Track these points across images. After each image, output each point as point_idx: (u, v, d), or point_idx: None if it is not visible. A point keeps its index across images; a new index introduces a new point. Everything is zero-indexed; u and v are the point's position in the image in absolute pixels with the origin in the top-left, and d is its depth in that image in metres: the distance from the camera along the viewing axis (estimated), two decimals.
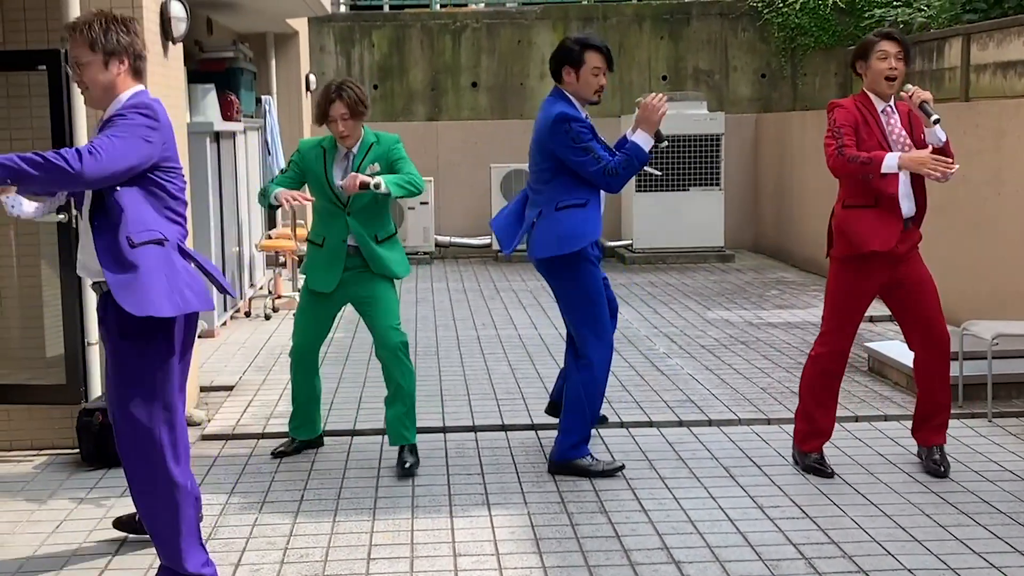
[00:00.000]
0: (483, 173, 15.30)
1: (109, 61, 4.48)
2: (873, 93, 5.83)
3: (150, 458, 4.47)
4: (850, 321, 5.90)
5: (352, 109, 6.04)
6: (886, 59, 5.75)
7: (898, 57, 5.75)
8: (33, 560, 4.97)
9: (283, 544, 5.09)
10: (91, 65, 4.46)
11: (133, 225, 4.36)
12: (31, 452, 6.49)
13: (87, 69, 4.47)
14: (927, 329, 5.89)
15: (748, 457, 6.26)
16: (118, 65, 4.49)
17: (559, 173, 5.92)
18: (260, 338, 9.75)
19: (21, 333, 6.73)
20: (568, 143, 5.82)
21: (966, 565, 4.73)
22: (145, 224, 4.40)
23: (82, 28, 4.47)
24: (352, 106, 6.04)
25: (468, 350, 9.12)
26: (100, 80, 4.49)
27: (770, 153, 15.16)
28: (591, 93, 5.98)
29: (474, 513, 5.46)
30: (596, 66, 5.96)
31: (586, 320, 6.01)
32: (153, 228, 4.42)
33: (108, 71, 4.47)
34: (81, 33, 4.46)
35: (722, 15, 16.32)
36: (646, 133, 5.89)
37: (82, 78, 4.49)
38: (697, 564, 4.79)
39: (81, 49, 4.46)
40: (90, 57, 4.45)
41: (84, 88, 4.52)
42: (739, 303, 11.27)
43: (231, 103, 10.83)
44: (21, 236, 6.57)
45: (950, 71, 11.37)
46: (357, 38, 16.30)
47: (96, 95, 4.51)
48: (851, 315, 5.89)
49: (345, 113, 6.04)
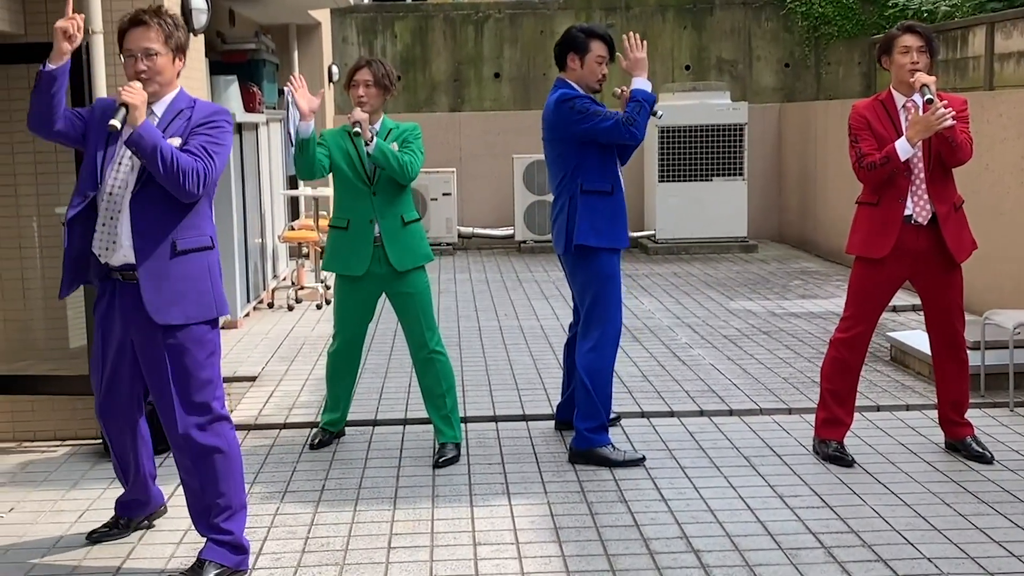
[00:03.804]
0: (506, 164, 15.30)
1: (176, 57, 4.55)
2: (897, 89, 5.81)
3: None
4: (868, 310, 5.90)
5: (376, 79, 6.10)
6: (907, 53, 5.74)
7: (920, 51, 5.73)
8: (57, 548, 5.01)
9: (304, 533, 5.12)
10: (163, 57, 4.50)
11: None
12: (55, 442, 6.54)
13: (157, 60, 4.49)
14: (942, 329, 5.91)
15: (769, 447, 6.26)
16: (180, 63, 4.57)
17: (578, 158, 6.00)
18: (283, 329, 9.79)
19: (45, 324, 6.77)
20: (575, 117, 5.92)
21: (986, 554, 4.72)
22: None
23: (162, 19, 4.50)
24: (377, 77, 6.10)
25: (490, 341, 9.13)
26: (167, 74, 4.55)
27: (794, 143, 15.10)
28: (594, 81, 6.08)
29: (494, 502, 5.47)
30: (600, 55, 6.07)
31: (598, 300, 6.05)
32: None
33: (174, 67, 4.57)
34: (160, 25, 4.49)
35: (745, 4, 16.27)
36: (642, 77, 5.96)
37: (150, 67, 4.48)
38: (716, 553, 4.79)
39: (157, 40, 4.49)
40: (163, 49, 4.50)
41: (146, 78, 4.48)
42: (762, 293, 11.24)
43: (253, 95, 10.85)
44: (44, 228, 6.61)
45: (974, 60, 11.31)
46: (380, 29, 16.32)
47: (155, 88, 4.53)
48: (869, 305, 5.89)
49: (368, 80, 6.09)
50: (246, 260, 10.15)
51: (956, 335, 5.92)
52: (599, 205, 6.00)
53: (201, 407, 4.61)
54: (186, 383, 4.58)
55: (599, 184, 6.01)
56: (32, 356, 6.76)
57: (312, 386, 7.68)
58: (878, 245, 5.78)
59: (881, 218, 5.78)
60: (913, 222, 5.75)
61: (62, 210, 6.31)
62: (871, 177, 5.74)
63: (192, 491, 4.68)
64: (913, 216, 5.75)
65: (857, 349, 5.93)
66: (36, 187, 6.52)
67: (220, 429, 4.65)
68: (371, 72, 6.10)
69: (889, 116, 5.79)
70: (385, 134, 6.13)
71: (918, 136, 5.61)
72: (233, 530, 4.67)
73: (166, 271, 4.52)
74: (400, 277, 6.15)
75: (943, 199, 5.77)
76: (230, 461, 4.67)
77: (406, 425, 6.80)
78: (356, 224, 6.14)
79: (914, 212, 5.75)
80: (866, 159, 5.73)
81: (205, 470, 4.63)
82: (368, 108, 6.10)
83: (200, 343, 4.62)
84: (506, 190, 15.29)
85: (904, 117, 5.77)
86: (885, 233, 5.76)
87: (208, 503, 4.65)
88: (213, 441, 4.61)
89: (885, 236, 5.76)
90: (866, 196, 5.88)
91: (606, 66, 6.11)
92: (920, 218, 5.74)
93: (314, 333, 9.57)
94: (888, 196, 5.76)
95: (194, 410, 4.59)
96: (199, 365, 4.61)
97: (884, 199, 5.77)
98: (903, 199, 5.74)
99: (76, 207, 4.53)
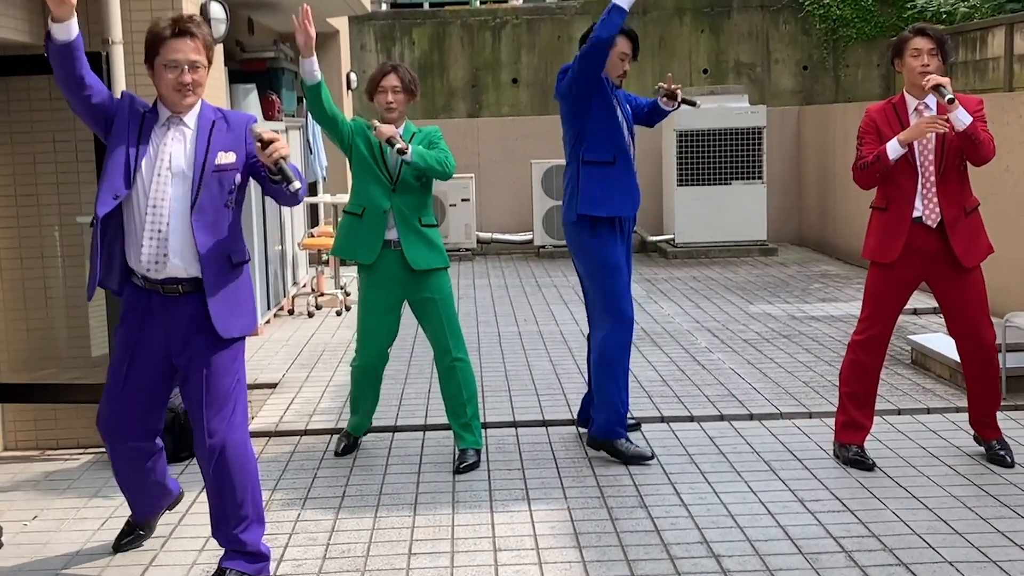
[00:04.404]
0: (524, 169, 15.32)
1: (209, 69, 4.55)
2: (909, 92, 5.82)
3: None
4: (883, 313, 5.89)
5: (404, 84, 6.10)
6: (919, 56, 5.74)
7: (931, 53, 5.73)
8: (80, 556, 5.04)
9: (325, 540, 5.13)
10: (204, 69, 4.50)
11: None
12: (77, 450, 6.58)
13: (201, 72, 4.47)
14: (962, 331, 5.89)
15: (789, 451, 6.25)
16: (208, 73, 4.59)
17: (578, 127, 6.08)
18: (303, 336, 9.81)
19: (67, 333, 6.81)
20: (563, 77, 6.04)
21: (1008, 558, 4.71)
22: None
23: (204, 31, 4.47)
24: (405, 82, 6.10)
25: (509, 346, 9.14)
26: (204, 86, 4.54)
27: (813, 146, 15.08)
28: (615, 75, 6.14)
29: (514, 508, 5.48)
30: (624, 51, 6.13)
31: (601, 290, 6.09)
32: None
33: (207, 78, 4.57)
34: (204, 36, 4.47)
35: (763, 7, 16.25)
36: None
37: (195, 80, 4.45)
38: (737, 558, 4.79)
39: (201, 52, 4.47)
40: (205, 61, 4.49)
41: (189, 91, 4.46)
42: (782, 297, 11.22)
43: (273, 103, 10.90)
44: (66, 237, 6.65)
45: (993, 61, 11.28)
46: (397, 36, 16.37)
47: (194, 100, 4.51)
48: (884, 308, 5.88)
49: (397, 86, 6.07)
50: (266, 267, 10.19)
51: (979, 337, 5.86)
52: (598, 174, 6.04)
53: (231, 418, 4.62)
54: (226, 395, 4.59)
55: (600, 154, 6.04)
56: (55, 365, 6.80)
57: (333, 392, 7.70)
58: (888, 249, 5.79)
59: (890, 222, 5.80)
60: (923, 223, 5.75)
61: (83, 219, 6.38)
62: (862, 176, 5.82)
63: (214, 500, 4.69)
64: (923, 217, 5.75)
65: (874, 352, 5.92)
66: (58, 196, 6.56)
67: (245, 440, 4.67)
68: (399, 77, 6.09)
69: (899, 119, 5.79)
70: (410, 136, 6.14)
71: (908, 138, 5.63)
72: (249, 541, 4.67)
73: (229, 285, 4.56)
74: (421, 281, 6.12)
75: (953, 202, 5.75)
76: (249, 472, 4.68)
77: (426, 431, 6.81)
78: (371, 213, 6.08)
79: (923, 214, 5.74)
80: (860, 160, 5.78)
81: (227, 479, 4.62)
82: (396, 114, 6.11)
83: (240, 354, 4.68)
84: (524, 195, 15.31)
85: (914, 120, 5.76)
86: (894, 237, 5.77)
87: (228, 513, 4.66)
88: (237, 452, 4.63)
89: (894, 240, 5.77)
90: (877, 200, 5.91)
91: (628, 63, 6.17)
92: (929, 221, 5.74)
93: (334, 339, 9.60)
94: (896, 200, 5.77)
95: (223, 421, 4.60)
96: (237, 377, 4.65)
97: (892, 203, 5.79)
98: (911, 202, 5.74)
99: (108, 205, 4.42)
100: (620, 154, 6.07)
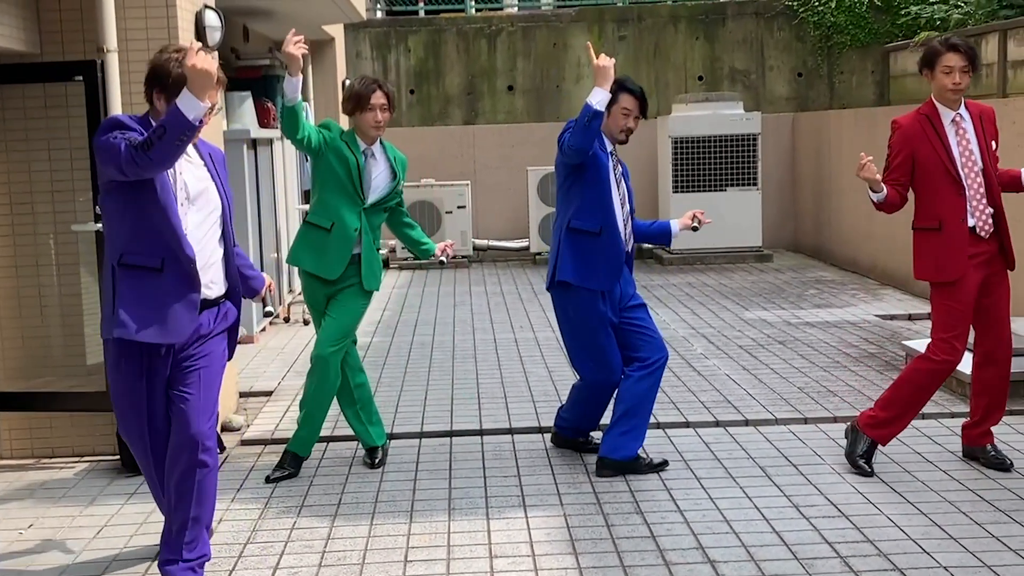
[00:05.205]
0: (520, 176, 15.33)
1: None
2: (940, 102, 5.79)
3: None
4: (963, 329, 5.82)
5: (390, 101, 6.12)
6: (950, 74, 5.69)
7: (963, 71, 5.68)
8: (75, 565, 5.03)
9: (321, 547, 5.14)
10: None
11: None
12: (73, 459, 6.58)
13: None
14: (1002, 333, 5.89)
15: (785, 457, 6.26)
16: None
17: (569, 193, 6.00)
18: (299, 343, 9.81)
19: (62, 342, 6.81)
20: (559, 148, 5.90)
21: (1002, 562, 4.71)
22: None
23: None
24: (391, 99, 6.13)
25: (505, 353, 9.15)
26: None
27: (808, 152, 15.10)
28: (618, 131, 6.01)
29: (510, 515, 5.48)
30: (626, 107, 5.96)
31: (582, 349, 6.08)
32: None
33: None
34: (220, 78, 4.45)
35: (757, 14, 16.28)
36: (601, 88, 5.68)
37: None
38: (732, 564, 4.80)
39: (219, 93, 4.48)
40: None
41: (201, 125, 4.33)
42: (777, 303, 11.24)
43: (267, 110, 10.92)
44: (61, 246, 6.65)
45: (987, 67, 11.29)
46: (393, 43, 16.38)
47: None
48: (959, 324, 5.79)
49: (384, 103, 6.07)
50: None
51: (1008, 340, 5.89)
52: (583, 244, 5.94)
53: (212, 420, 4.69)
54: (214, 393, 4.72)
55: (587, 224, 5.94)
56: (50, 373, 6.79)
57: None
58: (951, 268, 5.72)
59: (947, 241, 5.72)
60: (976, 234, 5.74)
61: (79, 227, 6.38)
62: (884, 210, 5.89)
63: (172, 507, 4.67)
64: (976, 228, 5.73)
65: (945, 373, 5.85)
66: (53, 204, 6.56)
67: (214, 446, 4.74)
68: (385, 94, 6.08)
69: (936, 132, 5.74)
70: (384, 151, 6.22)
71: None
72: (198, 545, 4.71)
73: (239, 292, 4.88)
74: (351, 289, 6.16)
75: (995, 205, 5.78)
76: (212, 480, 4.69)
77: (422, 439, 6.81)
78: (341, 230, 6.06)
79: (977, 226, 5.73)
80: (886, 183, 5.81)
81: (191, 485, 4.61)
82: (379, 133, 6.13)
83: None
84: (521, 202, 15.32)
85: (952, 132, 5.75)
86: (954, 251, 5.71)
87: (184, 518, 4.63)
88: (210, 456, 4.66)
89: (956, 256, 5.70)
90: (925, 221, 5.82)
91: (634, 121, 6.01)
92: (983, 232, 5.72)
93: None
94: (949, 219, 5.71)
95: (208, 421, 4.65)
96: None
97: (946, 223, 5.72)
98: (963, 217, 5.71)
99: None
100: (607, 226, 5.94)
